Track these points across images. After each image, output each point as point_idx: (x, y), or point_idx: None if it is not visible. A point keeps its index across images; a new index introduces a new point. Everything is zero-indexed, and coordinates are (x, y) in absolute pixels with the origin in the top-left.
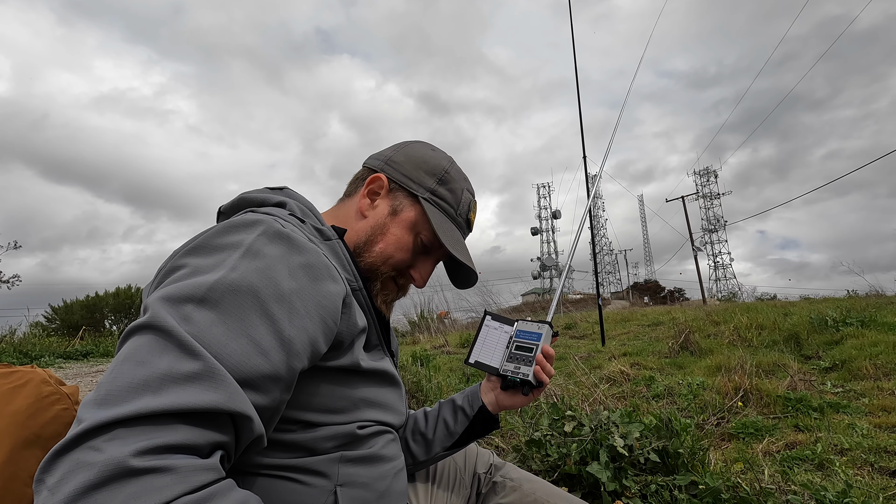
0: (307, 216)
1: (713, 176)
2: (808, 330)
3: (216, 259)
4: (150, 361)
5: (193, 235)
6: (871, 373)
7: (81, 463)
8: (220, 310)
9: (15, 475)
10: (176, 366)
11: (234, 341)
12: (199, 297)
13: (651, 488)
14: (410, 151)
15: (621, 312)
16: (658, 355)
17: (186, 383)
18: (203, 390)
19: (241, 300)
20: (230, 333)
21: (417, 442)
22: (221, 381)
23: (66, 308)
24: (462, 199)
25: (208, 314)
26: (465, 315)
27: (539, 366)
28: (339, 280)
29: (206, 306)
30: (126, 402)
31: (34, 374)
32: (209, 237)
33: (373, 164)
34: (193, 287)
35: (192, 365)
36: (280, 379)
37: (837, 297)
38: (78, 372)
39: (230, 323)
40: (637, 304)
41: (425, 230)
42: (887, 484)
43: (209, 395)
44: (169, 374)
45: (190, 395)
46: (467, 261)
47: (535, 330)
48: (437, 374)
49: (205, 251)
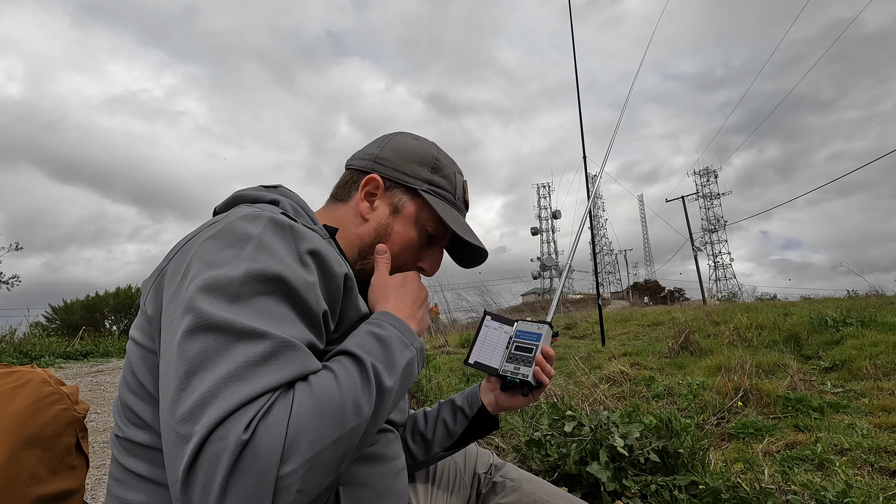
0: (299, 215)
1: (713, 176)
2: (808, 330)
3: (233, 252)
4: (225, 357)
5: (194, 232)
6: (871, 373)
7: (215, 460)
8: (255, 298)
9: (15, 475)
10: (250, 352)
11: (277, 323)
12: (235, 292)
13: (651, 488)
14: (396, 145)
15: (621, 312)
16: (658, 355)
17: (267, 362)
18: (285, 363)
19: (270, 288)
20: (273, 317)
21: (417, 442)
22: (294, 348)
23: (66, 308)
24: (457, 183)
25: (247, 303)
26: (466, 315)
27: (539, 366)
28: (343, 263)
29: (243, 297)
30: (224, 398)
31: (34, 374)
32: (222, 231)
33: (360, 164)
34: (226, 281)
35: (264, 345)
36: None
37: (837, 297)
38: (78, 372)
39: (268, 309)
40: (637, 304)
41: (430, 222)
42: (887, 484)
43: (291, 366)
44: (248, 361)
45: (276, 371)
46: (476, 241)
47: (534, 330)
48: (437, 374)
49: (219, 245)
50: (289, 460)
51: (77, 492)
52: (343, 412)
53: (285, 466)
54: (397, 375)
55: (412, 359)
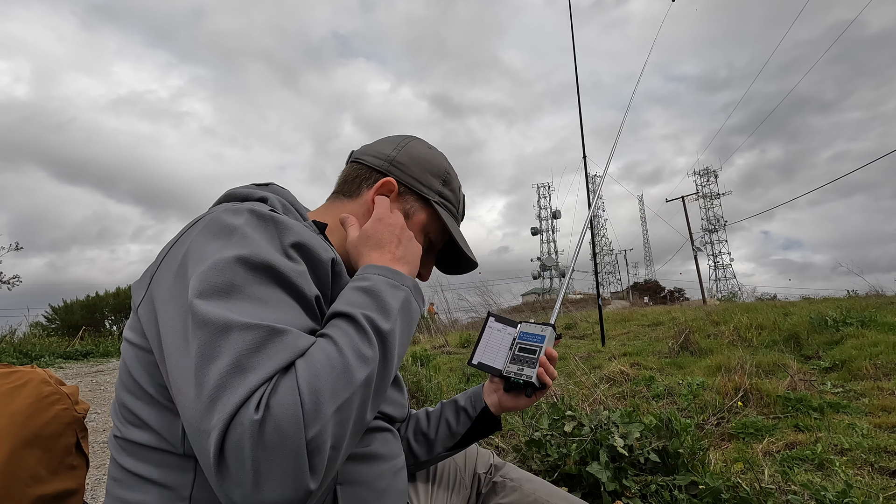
0: (288, 210)
1: (713, 176)
2: (808, 330)
3: (220, 243)
4: (226, 349)
5: (181, 231)
6: (871, 373)
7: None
8: (249, 287)
9: (15, 475)
10: (248, 341)
11: (273, 308)
12: (228, 283)
13: (651, 488)
14: (413, 152)
15: (621, 312)
16: (658, 355)
17: (266, 347)
18: (283, 347)
19: (261, 275)
20: (269, 304)
21: (419, 442)
22: (287, 332)
23: (66, 308)
24: (460, 197)
25: (242, 292)
26: (466, 315)
27: (542, 368)
28: (329, 249)
29: (237, 287)
30: (231, 390)
31: (34, 374)
32: (207, 226)
33: (374, 163)
34: (217, 273)
35: (260, 332)
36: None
37: (837, 297)
38: (78, 372)
39: (263, 295)
40: (637, 304)
41: (434, 231)
42: (887, 484)
43: (288, 349)
44: (248, 350)
45: (275, 355)
46: (471, 254)
47: (538, 332)
48: (437, 375)
49: (206, 240)
50: (311, 423)
51: (77, 492)
52: (347, 366)
53: (310, 430)
54: (394, 316)
55: (406, 296)
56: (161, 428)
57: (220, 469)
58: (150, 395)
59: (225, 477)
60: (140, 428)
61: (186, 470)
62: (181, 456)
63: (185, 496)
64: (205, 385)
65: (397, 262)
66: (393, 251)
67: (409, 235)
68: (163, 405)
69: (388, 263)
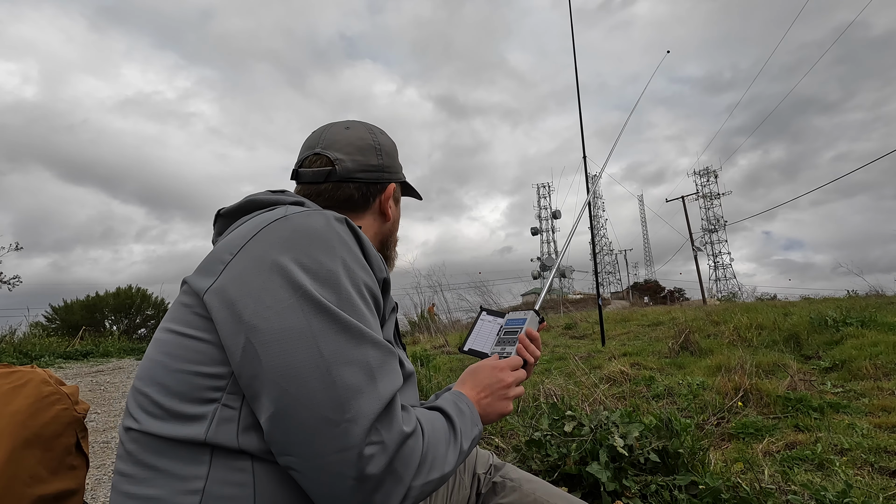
0: None
1: (713, 176)
2: (808, 330)
3: (325, 255)
4: (357, 357)
5: (250, 232)
6: (871, 373)
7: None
8: (353, 300)
9: (15, 475)
10: (375, 355)
11: (373, 327)
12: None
13: (651, 488)
14: (386, 149)
15: (621, 312)
16: (658, 355)
17: (387, 365)
18: (395, 367)
19: (360, 292)
20: (368, 321)
21: None
22: (393, 352)
23: (67, 308)
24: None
25: (352, 305)
26: (466, 315)
27: (522, 345)
28: (384, 269)
29: (350, 301)
30: (374, 397)
31: (34, 374)
32: (298, 239)
33: (370, 178)
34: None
35: (380, 350)
36: None
37: (837, 297)
38: (78, 372)
39: (364, 311)
40: (637, 304)
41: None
42: (887, 484)
43: (397, 372)
44: (377, 364)
45: (395, 375)
46: (419, 196)
47: (521, 317)
48: (437, 374)
49: (311, 244)
50: (418, 476)
51: (77, 492)
52: (446, 455)
53: (416, 480)
54: (469, 443)
55: (477, 435)
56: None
57: (361, 472)
58: (192, 386)
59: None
60: (163, 420)
61: (202, 462)
62: (200, 446)
63: (198, 488)
64: (339, 384)
65: (480, 406)
66: (486, 397)
67: (503, 395)
68: (202, 399)
69: (474, 402)
